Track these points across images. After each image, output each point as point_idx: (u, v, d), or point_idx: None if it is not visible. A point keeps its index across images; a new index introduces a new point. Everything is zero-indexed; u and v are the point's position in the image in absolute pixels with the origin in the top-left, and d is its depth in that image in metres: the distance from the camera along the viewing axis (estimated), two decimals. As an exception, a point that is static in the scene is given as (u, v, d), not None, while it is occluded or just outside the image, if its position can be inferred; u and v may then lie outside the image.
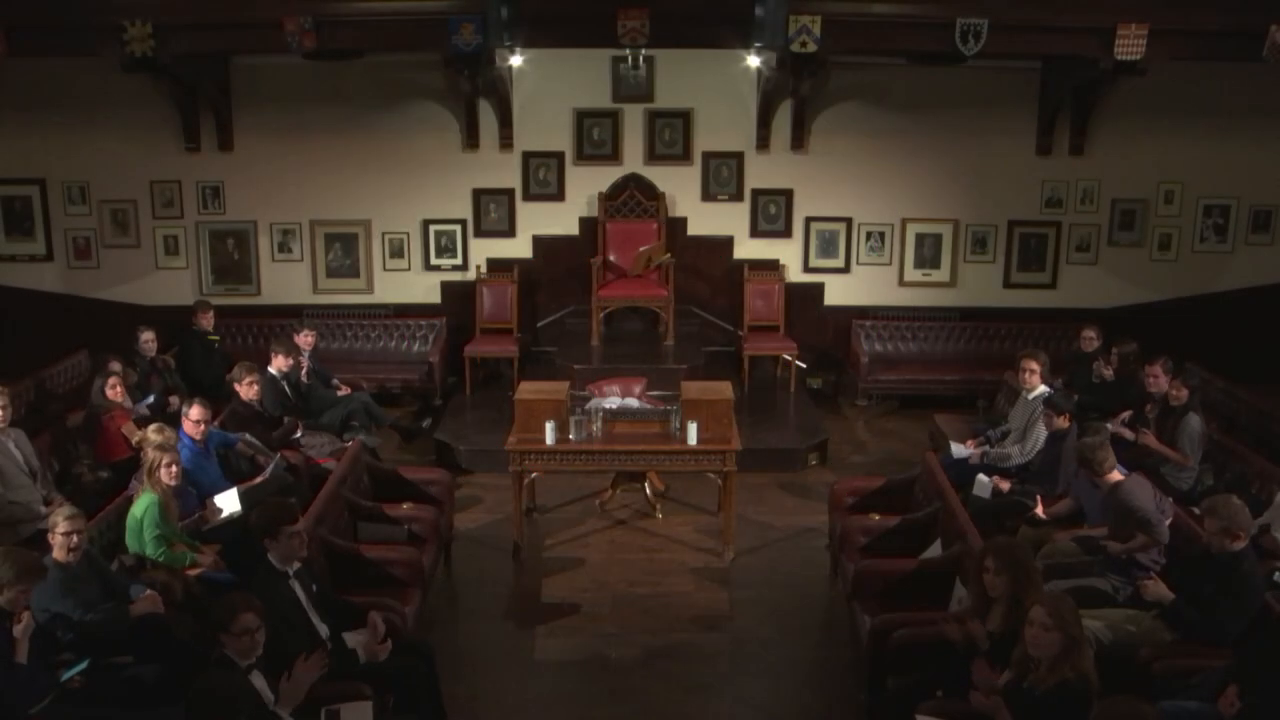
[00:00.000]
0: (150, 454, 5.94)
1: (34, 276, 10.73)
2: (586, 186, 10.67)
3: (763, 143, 10.60)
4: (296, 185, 10.61)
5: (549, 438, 7.06)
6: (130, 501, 5.98)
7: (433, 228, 10.77)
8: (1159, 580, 5.23)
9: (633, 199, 10.58)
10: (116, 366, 7.96)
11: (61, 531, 5.00)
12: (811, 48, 8.90)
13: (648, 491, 7.99)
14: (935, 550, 6.17)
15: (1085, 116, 10.39)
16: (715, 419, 7.08)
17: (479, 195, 10.72)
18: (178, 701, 4.45)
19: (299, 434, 7.95)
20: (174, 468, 5.96)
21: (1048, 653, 4.08)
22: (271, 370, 8.24)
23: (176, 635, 5.06)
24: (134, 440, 6.97)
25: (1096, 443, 5.96)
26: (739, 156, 10.68)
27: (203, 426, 6.78)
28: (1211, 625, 4.96)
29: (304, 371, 8.73)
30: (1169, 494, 6.45)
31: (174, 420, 7.11)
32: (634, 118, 10.61)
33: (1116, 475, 5.86)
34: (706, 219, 10.80)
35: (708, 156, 10.70)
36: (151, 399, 8.17)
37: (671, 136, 10.67)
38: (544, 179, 10.72)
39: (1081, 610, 4.39)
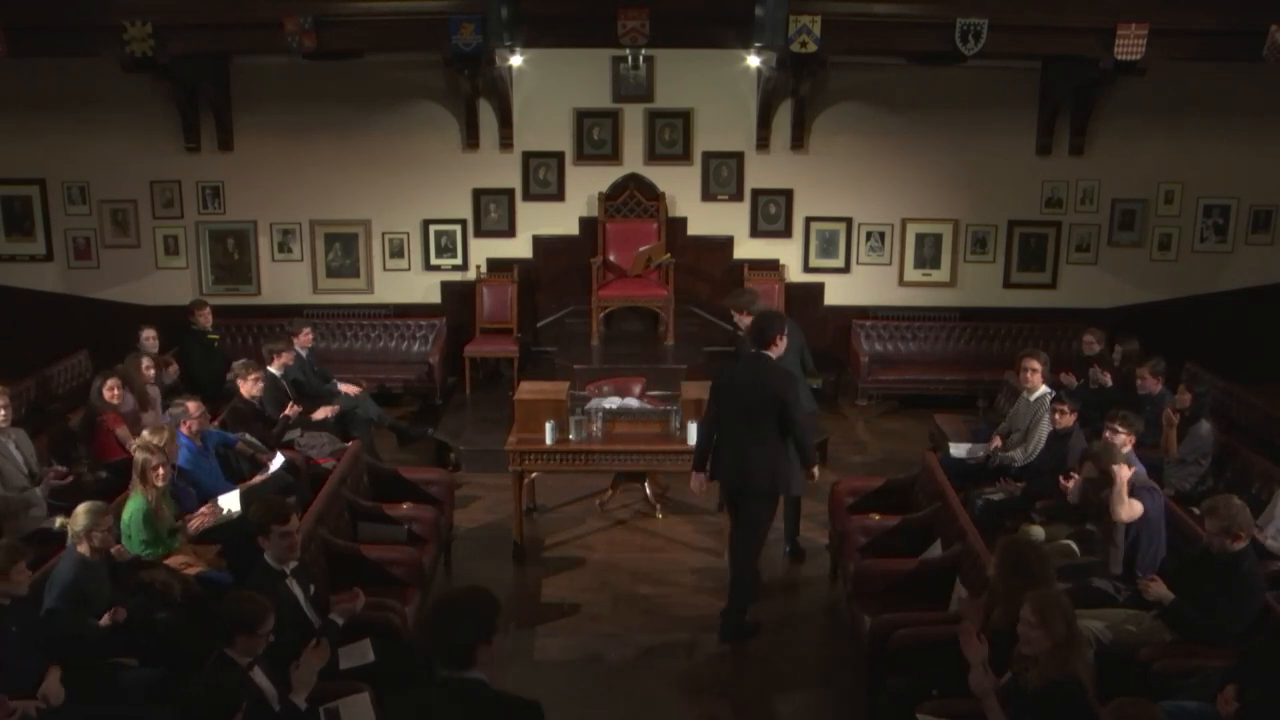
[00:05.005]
0: (139, 456, 5.89)
1: (34, 276, 10.73)
2: (586, 186, 10.67)
3: (763, 143, 10.60)
4: (296, 185, 10.61)
5: (549, 438, 7.07)
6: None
7: (433, 228, 10.77)
8: (1159, 580, 5.23)
9: (633, 199, 10.58)
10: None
11: (99, 530, 5.02)
12: (811, 48, 8.91)
13: (648, 491, 7.99)
14: (935, 550, 6.17)
15: (1085, 116, 10.39)
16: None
17: (479, 195, 10.72)
18: (176, 703, 4.46)
19: (296, 429, 7.94)
20: (161, 470, 5.87)
21: (1035, 649, 4.07)
22: (271, 369, 8.23)
23: (174, 636, 5.05)
24: (129, 446, 6.98)
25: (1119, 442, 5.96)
26: (739, 156, 10.68)
27: (199, 425, 6.77)
28: (1211, 625, 4.96)
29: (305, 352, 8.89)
30: (1169, 492, 6.47)
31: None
32: (634, 118, 10.60)
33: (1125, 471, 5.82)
34: (706, 219, 10.80)
35: (708, 156, 10.70)
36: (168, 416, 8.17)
37: (671, 136, 10.66)
38: (544, 179, 10.72)
39: (1081, 610, 4.39)
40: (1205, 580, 5.04)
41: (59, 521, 5.49)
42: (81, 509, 5.11)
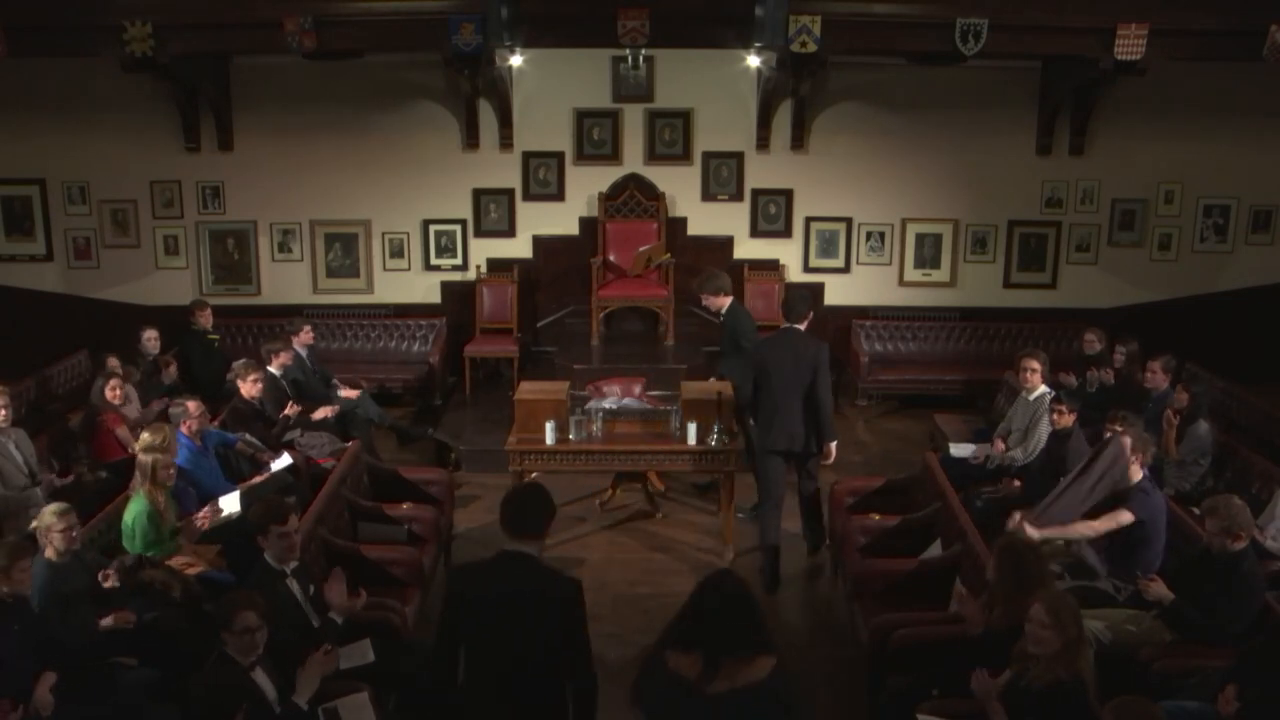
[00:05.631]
0: (147, 458, 5.87)
1: (34, 276, 10.73)
2: (586, 186, 10.66)
3: (763, 143, 10.59)
4: (296, 185, 10.61)
5: (549, 438, 7.06)
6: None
7: (433, 228, 10.77)
8: (1159, 580, 5.23)
9: (633, 199, 10.58)
10: (115, 364, 8.04)
11: (57, 530, 4.99)
12: (811, 48, 8.91)
13: (648, 491, 7.99)
14: (935, 550, 6.17)
15: (1085, 116, 10.38)
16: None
17: (479, 195, 10.72)
18: (176, 702, 4.46)
19: (296, 429, 7.93)
20: (171, 470, 5.92)
21: (1046, 650, 4.08)
22: (271, 369, 8.23)
23: (174, 636, 5.05)
24: (129, 446, 6.97)
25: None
26: (739, 156, 10.68)
27: (199, 425, 6.77)
28: (1211, 625, 4.96)
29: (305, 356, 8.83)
30: (1168, 492, 6.46)
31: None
32: (634, 118, 10.60)
33: (1137, 471, 5.83)
34: (706, 219, 10.80)
35: (708, 156, 10.70)
36: (162, 404, 8.16)
37: (671, 136, 10.66)
38: (544, 179, 10.72)
39: (1082, 610, 4.38)
40: (1205, 580, 5.04)
41: None
42: (47, 510, 5.09)
